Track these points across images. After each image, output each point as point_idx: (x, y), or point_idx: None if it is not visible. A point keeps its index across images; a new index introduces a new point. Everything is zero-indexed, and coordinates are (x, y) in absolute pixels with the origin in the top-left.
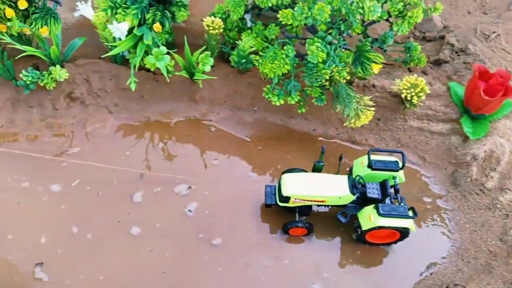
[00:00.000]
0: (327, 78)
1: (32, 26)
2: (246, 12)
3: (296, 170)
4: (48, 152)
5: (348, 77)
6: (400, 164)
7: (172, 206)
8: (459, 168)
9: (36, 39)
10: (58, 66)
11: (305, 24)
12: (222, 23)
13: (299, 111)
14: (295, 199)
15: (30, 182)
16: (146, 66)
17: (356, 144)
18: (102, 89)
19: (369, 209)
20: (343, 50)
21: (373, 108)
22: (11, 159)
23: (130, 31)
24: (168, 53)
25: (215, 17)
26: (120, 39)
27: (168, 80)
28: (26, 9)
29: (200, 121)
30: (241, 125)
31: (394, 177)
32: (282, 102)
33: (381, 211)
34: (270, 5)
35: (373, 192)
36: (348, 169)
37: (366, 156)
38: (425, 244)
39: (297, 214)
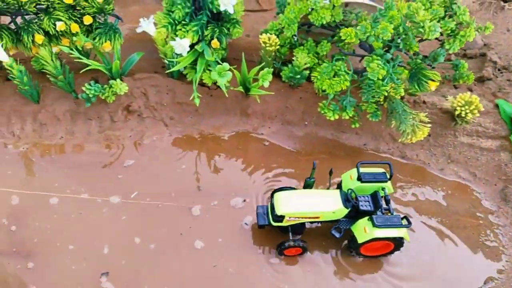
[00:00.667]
0: (385, 94)
1: (95, 41)
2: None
3: (286, 189)
4: (105, 164)
5: (403, 94)
6: (388, 175)
7: (229, 220)
8: (509, 185)
9: (95, 53)
10: (118, 80)
11: (360, 41)
12: (277, 40)
13: (353, 126)
14: (289, 217)
15: (89, 193)
16: (203, 81)
17: (407, 159)
18: (158, 103)
19: (363, 222)
20: (400, 67)
21: (429, 125)
22: (69, 170)
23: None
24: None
25: (270, 34)
26: (181, 55)
27: (227, 95)
28: (90, 25)
29: (251, 135)
30: (292, 139)
31: (383, 188)
32: (336, 117)
33: (376, 223)
34: (323, 22)
35: (365, 204)
36: (336, 184)
37: (354, 170)
38: (480, 259)
39: (290, 234)
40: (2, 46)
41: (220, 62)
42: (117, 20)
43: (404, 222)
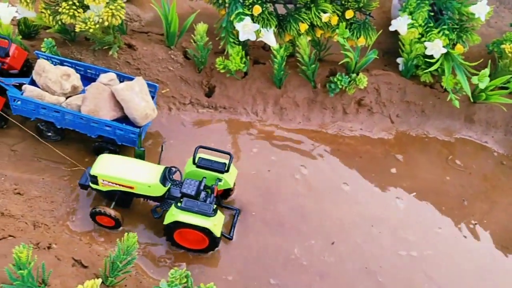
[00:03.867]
0: None
1: (352, 35)
2: None
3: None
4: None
5: None
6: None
7: None
8: None
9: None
10: (361, 74)
11: None
12: None
13: None
14: (103, 180)
15: (350, 186)
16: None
17: None
18: (388, 100)
19: (175, 204)
20: None
21: None
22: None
23: None
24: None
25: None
26: (432, 56)
27: (472, 101)
28: (346, 19)
29: (476, 142)
30: None
31: (219, 179)
32: None
33: (181, 205)
34: None
35: (188, 188)
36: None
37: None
38: None
39: (114, 203)
40: (272, 31)
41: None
42: (368, 17)
43: (220, 214)
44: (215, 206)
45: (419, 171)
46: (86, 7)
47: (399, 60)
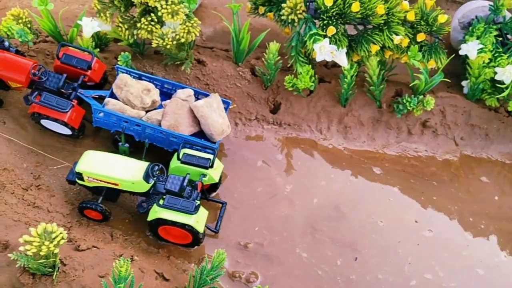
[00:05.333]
0: None
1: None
2: None
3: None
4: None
5: None
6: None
7: None
8: None
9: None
10: (428, 96)
11: None
12: None
13: None
14: (88, 177)
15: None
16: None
17: None
18: (453, 122)
19: (156, 202)
20: None
21: None
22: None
23: None
24: None
25: None
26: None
27: None
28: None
29: None
30: None
31: (203, 174)
32: None
33: (163, 203)
34: None
35: (172, 184)
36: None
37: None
38: None
39: (101, 197)
40: (344, 51)
41: None
42: (437, 40)
43: (202, 211)
44: (198, 202)
45: (486, 195)
46: (162, 23)
47: (463, 83)
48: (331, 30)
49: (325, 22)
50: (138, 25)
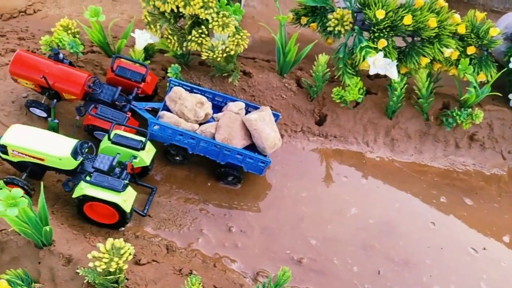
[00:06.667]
0: None
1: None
2: None
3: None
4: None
5: None
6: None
7: None
8: None
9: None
10: (477, 110)
11: None
12: None
13: None
14: (13, 150)
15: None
16: None
17: None
18: (500, 136)
19: (83, 178)
20: None
21: None
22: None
23: None
24: None
25: None
26: None
27: None
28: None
29: None
30: None
31: (134, 156)
32: None
33: (90, 180)
34: None
35: (101, 163)
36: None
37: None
38: None
39: (25, 174)
40: (395, 64)
41: None
42: (486, 53)
43: (130, 190)
44: (126, 182)
45: None
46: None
47: (511, 95)
48: (382, 43)
49: (376, 34)
50: (188, 37)
